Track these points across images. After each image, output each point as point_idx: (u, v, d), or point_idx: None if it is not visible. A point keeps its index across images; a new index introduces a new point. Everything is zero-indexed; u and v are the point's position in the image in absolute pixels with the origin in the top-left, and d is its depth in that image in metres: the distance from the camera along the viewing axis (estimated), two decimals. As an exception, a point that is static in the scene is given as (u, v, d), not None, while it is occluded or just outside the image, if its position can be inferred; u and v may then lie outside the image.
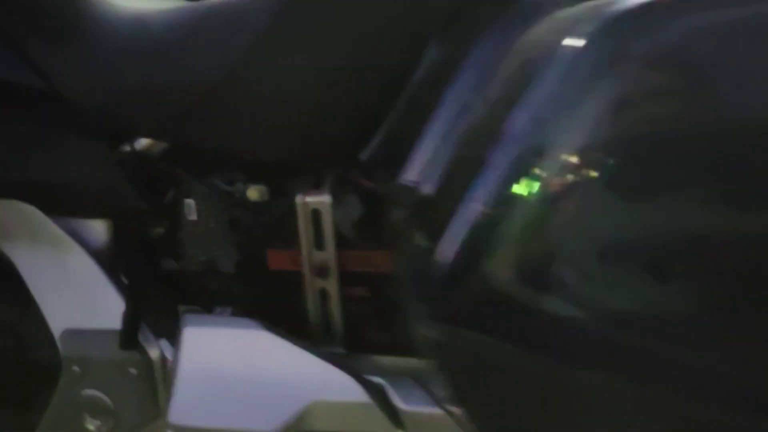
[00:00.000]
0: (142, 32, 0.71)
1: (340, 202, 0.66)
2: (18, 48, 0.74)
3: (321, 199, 0.66)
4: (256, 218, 0.69)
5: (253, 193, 0.68)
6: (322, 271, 0.68)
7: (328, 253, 0.67)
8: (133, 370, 0.75)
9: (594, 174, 0.41)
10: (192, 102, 0.67)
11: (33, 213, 0.78)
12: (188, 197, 0.72)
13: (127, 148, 0.73)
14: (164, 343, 0.74)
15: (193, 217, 0.72)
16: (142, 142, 0.73)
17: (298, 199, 0.66)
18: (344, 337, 0.69)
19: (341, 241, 0.67)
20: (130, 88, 0.70)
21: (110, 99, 0.72)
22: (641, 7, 0.42)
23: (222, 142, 0.67)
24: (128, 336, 0.74)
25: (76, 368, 0.77)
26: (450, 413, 0.61)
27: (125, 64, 0.70)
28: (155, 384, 0.76)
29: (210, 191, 0.70)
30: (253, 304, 0.72)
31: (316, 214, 0.67)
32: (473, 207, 0.41)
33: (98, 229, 0.78)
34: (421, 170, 0.51)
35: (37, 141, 0.76)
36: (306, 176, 0.67)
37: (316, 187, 0.67)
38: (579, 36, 0.43)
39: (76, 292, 0.77)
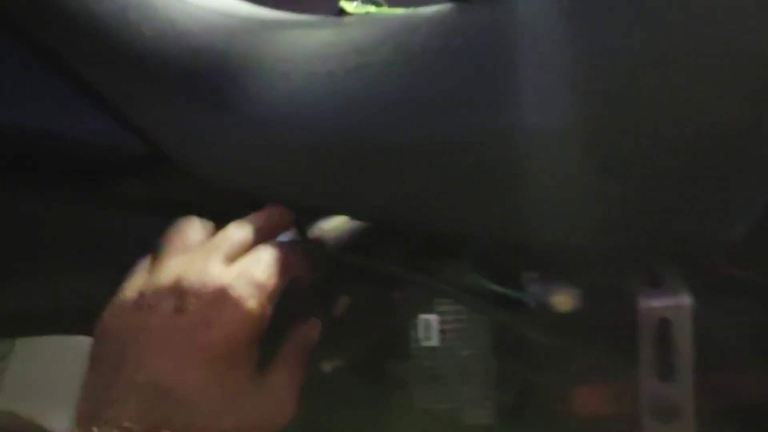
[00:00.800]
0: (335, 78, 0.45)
1: (708, 306, 0.43)
2: (119, 111, 0.46)
3: (673, 302, 0.43)
4: (561, 338, 0.44)
5: (562, 300, 0.43)
6: (667, 413, 0.44)
7: (681, 384, 0.44)
8: None
9: None
10: (449, 165, 0.42)
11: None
12: (421, 310, 0.46)
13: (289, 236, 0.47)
14: None
15: (432, 341, 0.45)
16: (323, 227, 0.47)
17: (637, 304, 0.43)
18: None
19: (701, 364, 0.44)
20: (314, 152, 0.44)
21: (273, 169, 0.46)
22: None
23: (505, 226, 0.42)
24: None
25: None
26: None
27: (306, 121, 0.45)
28: None
29: (470, 299, 0.44)
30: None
31: (663, 326, 0.43)
32: None
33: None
34: None
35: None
36: (635, 269, 0.44)
37: (653, 285, 0.44)
38: None
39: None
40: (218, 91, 0.46)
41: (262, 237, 0.42)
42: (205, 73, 0.46)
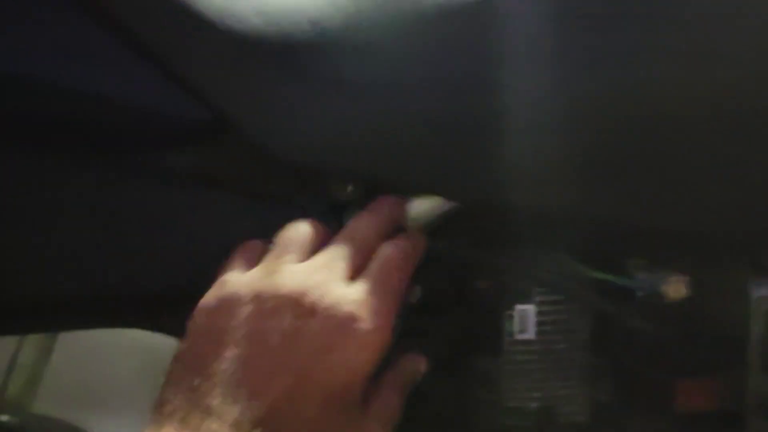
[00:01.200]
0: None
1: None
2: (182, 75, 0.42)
3: (784, 291, 0.41)
4: (668, 329, 0.42)
5: (675, 288, 0.41)
6: (773, 409, 0.42)
7: (787, 378, 0.42)
8: None
9: None
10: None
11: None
12: (517, 300, 0.42)
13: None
14: None
15: (528, 334, 0.42)
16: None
17: (749, 292, 0.41)
18: None
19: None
20: (401, 124, 0.41)
21: (354, 143, 0.42)
22: None
23: (617, 207, 0.40)
24: None
25: None
26: None
27: (392, 91, 0.42)
28: None
29: (574, 288, 0.42)
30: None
31: (771, 316, 0.42)
32: None
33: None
34: None
35: (196, 216, 0.43)
36: (745, 256, 0.42)
37: (763, 273, 0.42)
38: None
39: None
40: (295, 56, 0.42)
41: (380, 241, 0.39)
42: (282, 37, 0.42)
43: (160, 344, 0.42)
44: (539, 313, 0.43)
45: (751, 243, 0.42)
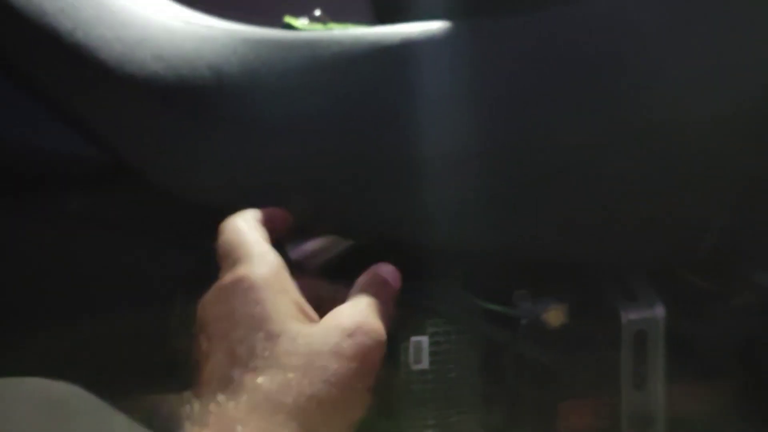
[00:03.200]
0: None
1: (684, 317, 0.46)
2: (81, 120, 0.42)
3: (649, 314, 0.45)
4: (551, 353, 0.45)
5: (554, 315, 0.44)
6: (643, 421, 0.46)
7: (653, 393, 0.46)
8: None
9: None
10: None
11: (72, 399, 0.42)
12: (412, 332, 0.44)
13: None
14: None
15: (423, 364, 0.44)
16: (305, 248, 0.45)
17: (618, 318, 0.45)
18: None
19: (671, 374, 0.46)
20: (298, 166, 0.43)
21: (254, 184, 0.43)
22: None
23: (500, 242, 0.43)
24: None
25: None
26: None
27: (287, 135, 0.43)
28: None
29: (465, 318, 0.44)
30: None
31: (640, 337, 0.45)
32: None
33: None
34: None
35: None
36: (614, 284, 0.46)
37: (630, 298, 0.46)
38: None
39: None
40: (195, 100, 0.43)
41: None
42: (181, 83, 0.43)
43: (60, 394, 0.40)
44: (432, 344, 0.45)
45: (620, 271, 0.47)
